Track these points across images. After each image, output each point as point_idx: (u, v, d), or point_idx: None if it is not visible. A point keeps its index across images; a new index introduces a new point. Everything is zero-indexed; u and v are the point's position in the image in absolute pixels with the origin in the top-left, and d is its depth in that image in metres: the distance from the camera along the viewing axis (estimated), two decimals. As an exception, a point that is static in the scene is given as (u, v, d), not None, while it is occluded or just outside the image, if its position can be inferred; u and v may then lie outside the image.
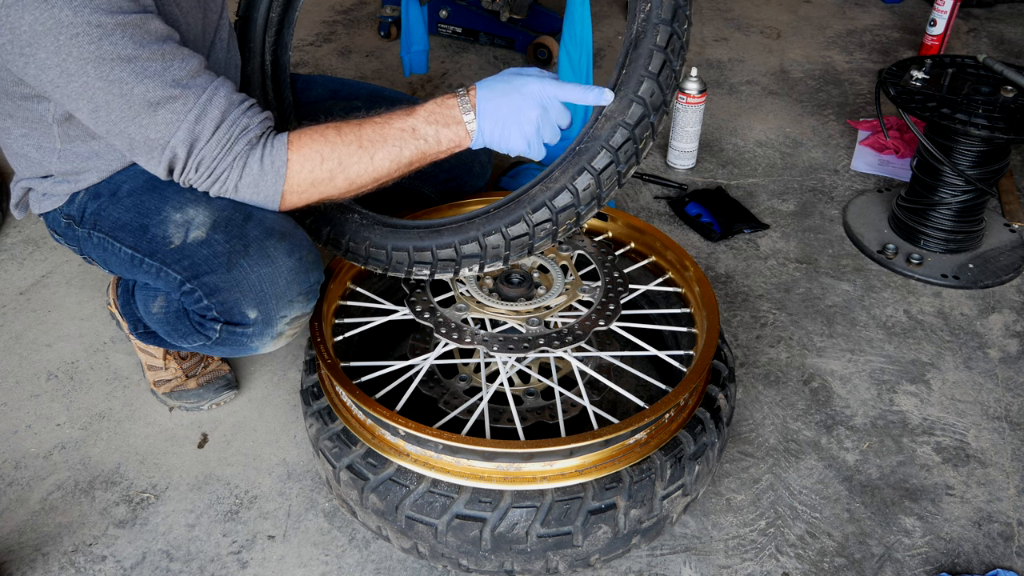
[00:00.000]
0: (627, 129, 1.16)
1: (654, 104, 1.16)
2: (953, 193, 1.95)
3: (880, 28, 3.26)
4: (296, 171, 1.17)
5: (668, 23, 1.13)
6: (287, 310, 1.24)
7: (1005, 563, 1.36)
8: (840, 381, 1.70)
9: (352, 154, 1.18)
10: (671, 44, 1.14)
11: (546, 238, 1.24)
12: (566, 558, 1.18)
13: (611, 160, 1.18)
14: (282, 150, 1.16)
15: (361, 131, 1.19)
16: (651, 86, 1.15)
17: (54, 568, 1.36)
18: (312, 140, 1.18)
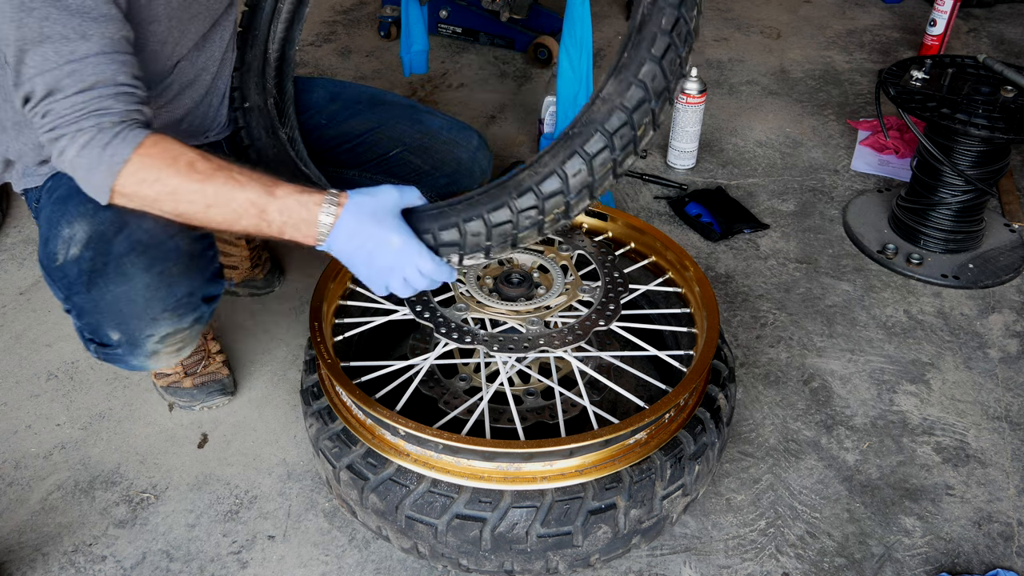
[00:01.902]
0: (624, 112, 1.09)
1: (656, 89, 1.09)
2: (953, 193, 1.95)
3: (880, 28, 3.26)
4: (128, 175, 1.08)
5: (675, 7, 1.07)
6: (152, 328, 1.18)
7: (1005, 563, 1.36)
8: (840, 381, 1.70)
9: (190, 194, 1.09)
10: (677, 28, 1.07)
11: (531, 228, 1.13)
12: (566, 558, 1.18)
13: (605, 145, 1.09)
14: (127, 148, 1.07)
15: (212, 179, 1.08)
16: (653, 69, 1.08)
17: (54, 568, 1.36)
18: (162, 158, 1.09)
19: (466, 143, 1.69)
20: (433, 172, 1.67)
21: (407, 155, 1.66)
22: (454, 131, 1.69)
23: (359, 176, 1.68)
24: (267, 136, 1.50)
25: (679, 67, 1.10)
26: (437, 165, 1.67)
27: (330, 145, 1.63)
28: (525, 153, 2.45)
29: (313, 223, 1.09)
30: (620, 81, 1.08)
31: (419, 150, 1.66)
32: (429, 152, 1.66)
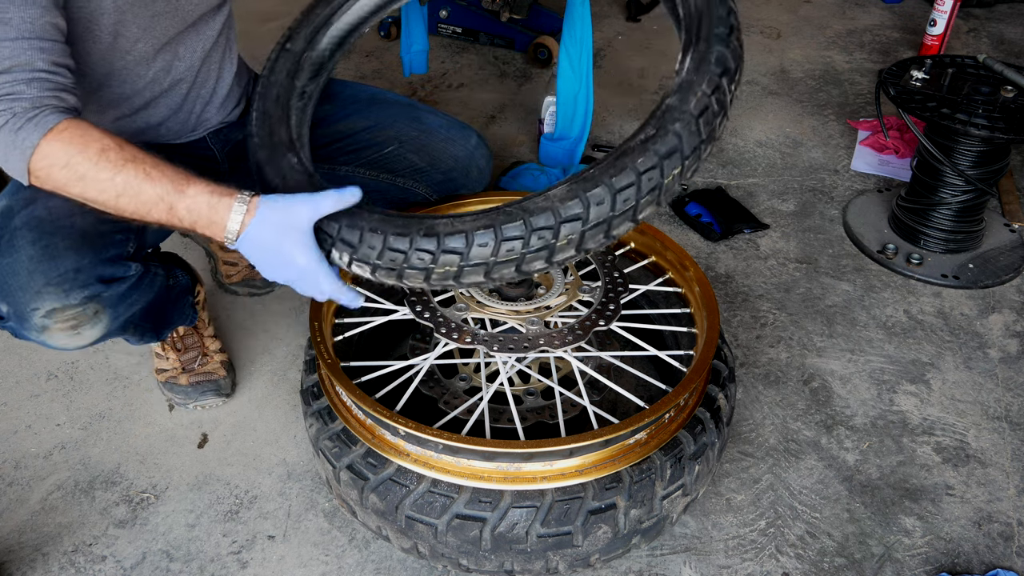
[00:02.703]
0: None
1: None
2: (953, 193, 1.95)
3: (880, 28, 3.26)
4: (40, 159, 1.09)
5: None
6: (36, 302, 1.18)
7: (1005, 563, 1.36)
8: (840, 381, 1.70)
9: (99, 182, 1.08)
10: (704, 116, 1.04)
11: (418, 272, 1.07)
12: (566, 558, 1.18)
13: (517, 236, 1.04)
14: (37, 133, 1.07)
15: (122, 170, 1.08)
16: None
17: (54, 568, 1.36)
18: (72, 143, 1.08)
19: (464, 141, 1.69)
20: (429, 169, 1.67)
21: (403, 152, 1.66)
22: (452, 130, 1.69)
23: (352, 172, 1.68)
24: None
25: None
26: (433, 162, 1.67)
27: (324, 143, 1.63)
28: (525, 153, 2.45)
29: (221, 226, 1.09)
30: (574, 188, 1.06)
31: (416, 147, 1.66)
32: (426, 149, 1.66)
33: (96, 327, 1.26)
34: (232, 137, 1.60)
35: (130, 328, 1.38)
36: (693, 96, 1.01)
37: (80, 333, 1.24)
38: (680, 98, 1.02)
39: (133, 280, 1.28)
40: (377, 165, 1.67)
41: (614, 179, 1.00)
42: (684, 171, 1.03)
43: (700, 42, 1.05)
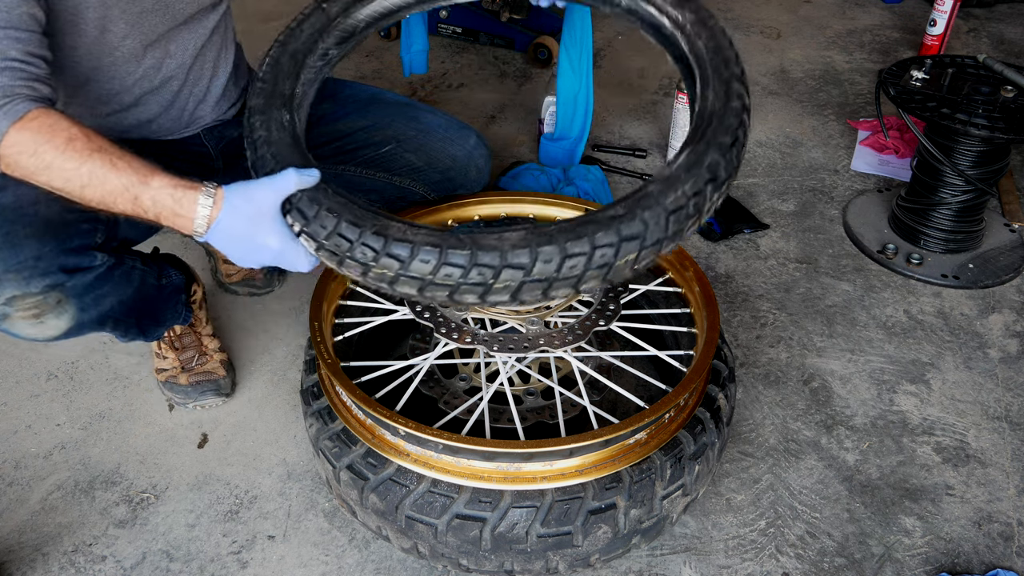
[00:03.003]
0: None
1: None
2: (953, 193, 1.95)
3: (880, 28, 3.26)
4: (8, 145, 1.09)
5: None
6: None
7: (1005, 563, 1.36)
8: (840, 381, 1.70)
9: (65, 171, 1.09)
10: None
11: (355, 265, 1.05)
12: (566, 558, 1.18)
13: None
14: (5, 122, 1.08)
15: (89, 160, 1.08)
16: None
17: (54, 568, 1.36)
18: (40, 132, 1.09)
19: (462, 141, 1.69)
20: (427, 168, 1.67)
21: (400, 151, 1.66)
22: (451, 129, 1.70)
23: (349, 171, 1.68)
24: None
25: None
26: (431, 162, 1.67)
27: (321, 141, 1.63)
28: (525, 153, 2.45)
29: (189, 219, 1.10)
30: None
31: (414, 147, 1.66)
32: (424, 149, 1.67)
33: (61, 317, 1.24)
34: (227, 134, 1.59)
35: (109, 323, 1.37)
36: (673, 192, 1.03)
37: (44, 322, 1.23)
38: (660, 189, 1.03)
39: (101, 271, 1.27)
40: (374, 164, 1.67)
41: (568, 243, 1.00)
42: (639, 259, 1.03)
43: (701, 142, 1.07)
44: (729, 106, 1.10)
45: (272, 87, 1.28)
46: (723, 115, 1.09)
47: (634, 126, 2.61)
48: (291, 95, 1.28)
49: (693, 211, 1.05)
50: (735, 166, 1.10)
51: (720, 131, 1.08)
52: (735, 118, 1.10)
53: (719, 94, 1.11)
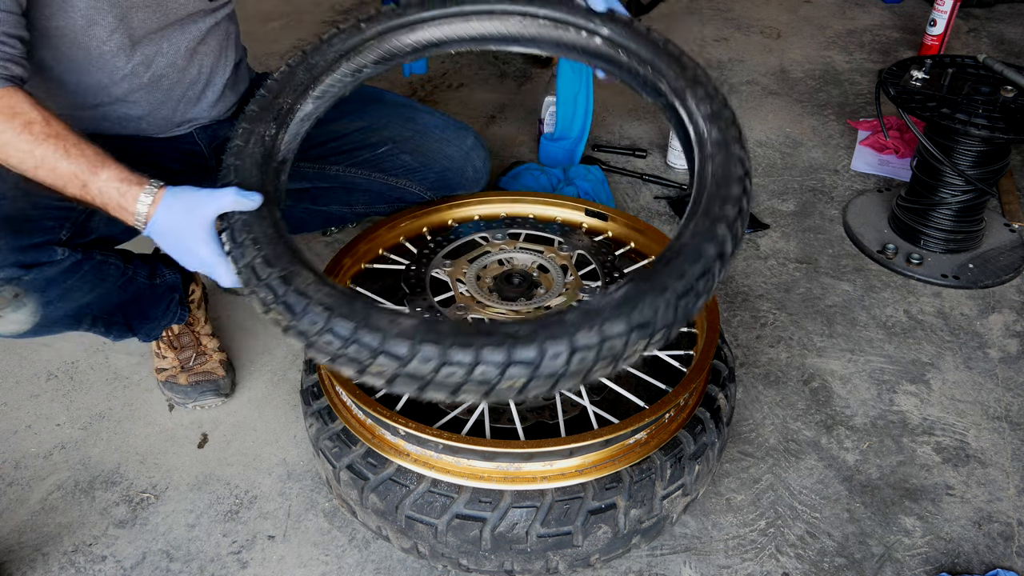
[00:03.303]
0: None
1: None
2: (953, 193, 1.95)
3: (880, 28, 3.26)
4: None
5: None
6: None
7: (1005, 563, 1.36)
8: (840, 381, 1.70)
9: (19, 152, 1.14)
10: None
11: (257, 304, 1.03)
12: (566, 558, 1.18)
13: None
14: None
15: (43, 144, 1.13)
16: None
17: (54, 568, 1.36)
18: (1, 112, 1.13)
19: (459, 142, 1.69)
20: (422, 169, 1.68)
21: (396, 152, 1.67)
22: (448, 130, 1.70)
23: (344, 172, 1.69)
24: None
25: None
26: (427, 162, 1.67)
27: (318, 142, 1.63)
28: (525, 153, 2.45)
29: (131, 212, 1.13)
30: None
31: (410, 148, 1.67)
32: (420, 150, 1.67)
33: (20, 311, 1.24)
34: (221, 134, 1.59)
35: (87, 319, 1.37)
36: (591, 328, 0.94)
37: (3, 316, 1.23)
38: (578, 319, 0.94)
39: (64, 266, 1.27)
40: (370, 165, 1.67)
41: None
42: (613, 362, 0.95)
43: (644, 289, 0.97)
44: (703, 252, 1.00)
45: (272, 98, 1.27)
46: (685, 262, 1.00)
47: (634, 126, 2.61)
48: (288, 110, 1.27)
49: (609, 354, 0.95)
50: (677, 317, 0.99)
51: (672, 279, 0.97)
52: (738, 186, 1.05)
53: (700, 225, 1.02)
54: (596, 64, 1.30)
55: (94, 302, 1.35)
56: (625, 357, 0.95)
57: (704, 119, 1.12)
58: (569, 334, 0.90)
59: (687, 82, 1.16)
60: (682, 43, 3.32)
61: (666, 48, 1.21)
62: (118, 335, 1.49)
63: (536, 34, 1.31)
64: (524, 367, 0.90)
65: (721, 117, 1.11)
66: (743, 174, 1.06)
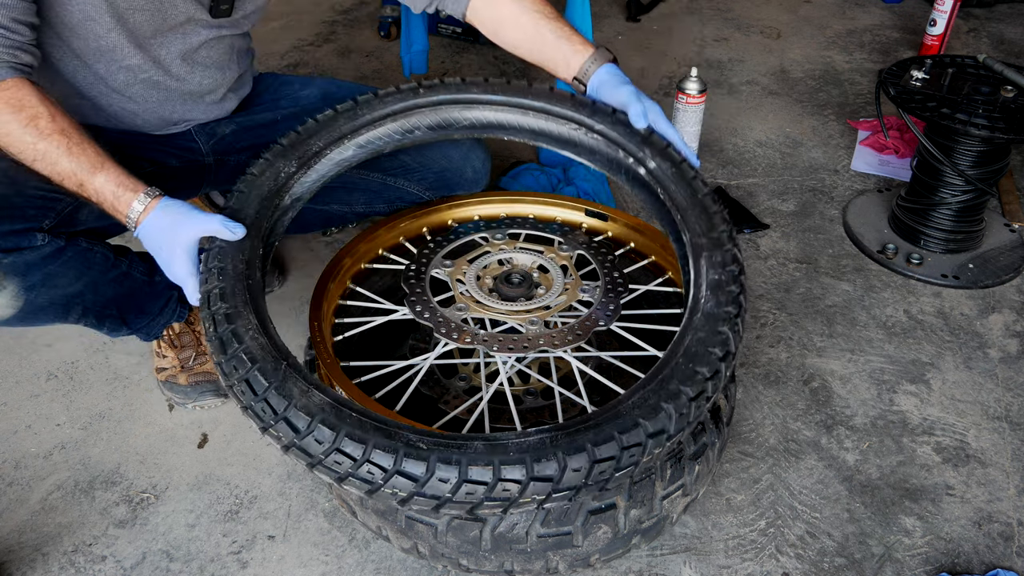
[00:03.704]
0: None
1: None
2: (953, 193, 1.95)
3: (880, 28, 3.26)
4: None
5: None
6: None
7: (1005, 563, 1.36)
8: (840, 381, 1.70)
9: (23, 144, 1.18)
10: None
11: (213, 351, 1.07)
12: (566, 558, 1.18)
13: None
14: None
15: (46, 139, 1.17)
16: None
17: (54, 568, 1.36)
18: (9, 103, 1.17)
19: (459, 142, 1.69)
20: (421, 169, 1.68)
21: (395, 152, 1.66)
22: None
23: (344, 173, 1.68)
24: None
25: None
26: (425, 162, 1.67)
27: None
28: (525, 153, 2.45)
29: (123, 215, 1.19)
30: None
31: (409, 148, 1.67)
32: (419, 149, 1.67)
33: (2, 295, 1.25)
34: (219, 131, 1.60)
35: (77, 311, 1.37)
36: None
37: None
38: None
39: (45, 252, 1.27)
40: (368, 165, 1.67)
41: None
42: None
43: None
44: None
45: (305, 138, 1.34)
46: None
47: (634, 126, 2.61)
48: (317, 153, 1.33)
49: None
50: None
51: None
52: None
53: (646, 397, 1.04)
54: (634, 188, 1.35)
55: (84, 292, 1.35)
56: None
57: (707, 286, 1.13)
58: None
59: (708, 242, 1.18)
60: (682, 43, 3.32)
61: (703, 201, 1.23)
62: (112, 329, 1.48)
63: (590, 146, 1.37)
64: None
65: (723, 290, 1.12)
66: (720, 356, 1.07)
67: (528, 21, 1.43)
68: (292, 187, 1.31)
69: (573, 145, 1.39)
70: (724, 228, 1.19)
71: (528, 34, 1.44)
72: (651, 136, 1.32)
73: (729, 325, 1.08)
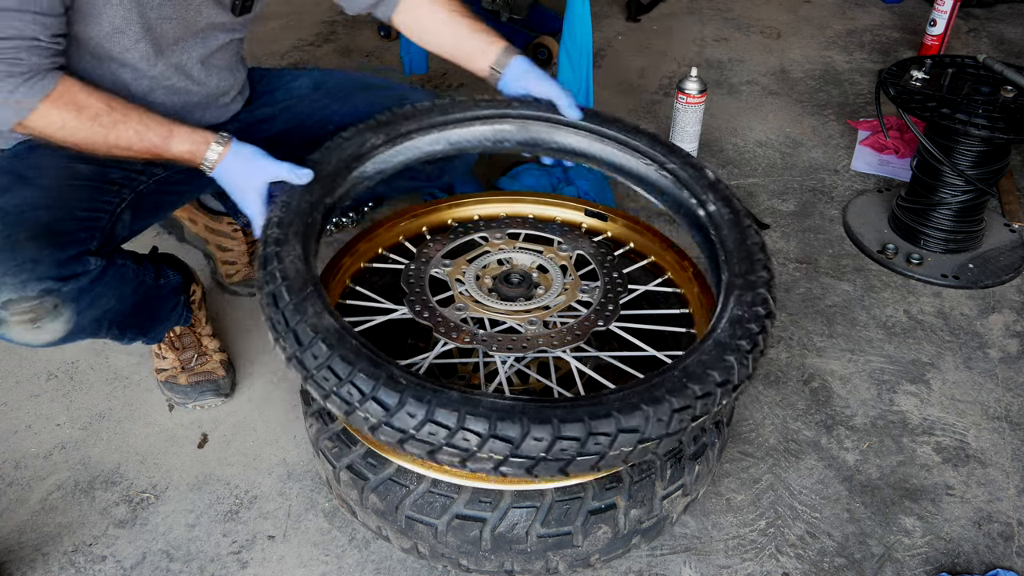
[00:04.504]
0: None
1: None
2: (953, 193, 1.95)
3: (880, 28, 3.26)
4: (37, 119, 1.22)
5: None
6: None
7: (1005, 563, 1.36)
8: (840, 381, 1.70)
9: (94, 143, 1.25)
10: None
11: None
12: (566, 558, 1.18)
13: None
14: (35, 97, 1.20)
15: (114, 128, 1.25)
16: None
17: (54, 568, 1.36)
18: (68, 109, 1.23)
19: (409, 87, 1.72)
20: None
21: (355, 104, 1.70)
22: (402, 86, 1.74)
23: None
24: None
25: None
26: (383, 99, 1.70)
27: (314, 133, 1.64)
28: (525, 153, 2.45)
29: (200, 160, 1.32)
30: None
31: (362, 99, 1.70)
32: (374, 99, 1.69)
33: (57, 321, 1.25)
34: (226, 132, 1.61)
35: (105, 325, 1.37)
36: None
37: (40, 327, 1.23)
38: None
39: (95, 274, 1.28)
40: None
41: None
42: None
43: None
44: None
45: (395, 121, 1.47)
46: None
47: (634, 126, 2.61)
48: (403, 135, 1.46)
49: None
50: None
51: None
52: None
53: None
54: (691, 229, 1.40)
55: (114, 306, 1.36)
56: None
57: (728, 319, 1.15)
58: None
59: (743, 282, 1.20)
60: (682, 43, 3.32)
61: (750, 247, 1.26)
62: (131, 338, 1.49)
63: (663, 186, 1.43)
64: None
65: (742, 326, 1.13)
66: (718, 381, 1.07)
67: (447, 21, 1.57)
68: (374, 157, 1.43)
69: (647, 184, 1.46)
70: (763, 274, 1.21)
71: (447, 33, 1.58)
72: (718, 183, 1.38)
73: (737, 356, 1.09)
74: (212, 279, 1.95)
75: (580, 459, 1.00)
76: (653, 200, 1.46)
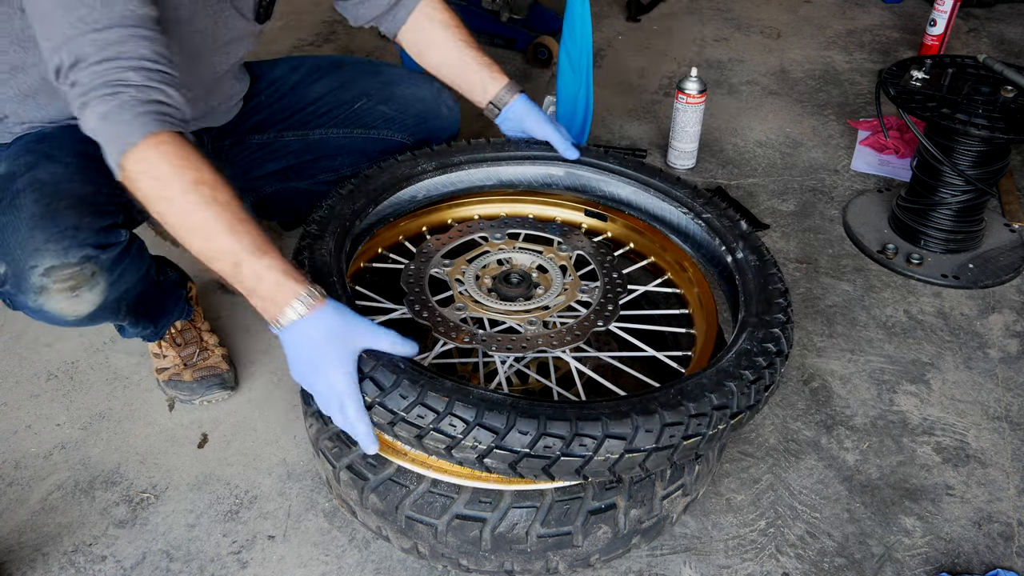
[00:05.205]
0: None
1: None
2: (953, 193, 1.95)
3: (880, 28, 3.26)
4: (137, 160, 1.06)
5: None
6: (35, 259, 1.17)
7: (1005, 563, 1.36)
8: (840, 381, 1.70)
9: (183, 211, 1.06)
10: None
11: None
12: (566, 558, 1.18)
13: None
14: (138, 133, 1.06)
15: (208, 208, 1.05)
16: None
17: (54, 568, 1.36)
18: (169, 160, 1.06)
19: (427, 84, 1.73)
20: (400, 115, 1.72)
21: (372, 104, 1.71)
22: (413, 76, 1.75)
23: (327, 134, 1.71)
24: None
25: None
26: (402, 108, 1.72)
27: (295, 110, 1.69)
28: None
29: (280, 306, 1.06)
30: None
31: (383, 98, 1.72)
32: (394, 98, 1.72)
33: (94, 291, 1.25)
34: (223, 131, 1.63)
35: (124, 307, 1.37)
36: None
37: (79, 296, 1.23)
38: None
39: (124, 246, 1.28)
40: (349, 122, 1.71)
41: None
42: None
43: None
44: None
45: (448, 153, 1.57)
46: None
47: (634, 126, 2.61)
48: (454, 165, 1.56)
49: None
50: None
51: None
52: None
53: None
54: (719, 275, 1.44)
55: (133, 286, 1.36)
56: None
57: (736, 352, 1.16)
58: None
59: (757, 321, 1.22)
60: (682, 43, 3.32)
61: (770, 291, 1.27)
62: (142, 327, 1.51)
63: (698, 236, 1.48)
64: None
65: (749, 358, 1.14)
66: (716, 405, 1.08)
67: (453, 47, 1.56)
68: (423, 180, 1.53)
69: (684, 233, 1.51)
70: (780, 316, 1.22)
71: (452, 58, 1.57)
72: (750, 234, 1.40)
73: (739, 385, 1.09)
74: (213, 279, 1.95)
75: (564, 460, 1.00)
76: (688, 249, 1.50)
